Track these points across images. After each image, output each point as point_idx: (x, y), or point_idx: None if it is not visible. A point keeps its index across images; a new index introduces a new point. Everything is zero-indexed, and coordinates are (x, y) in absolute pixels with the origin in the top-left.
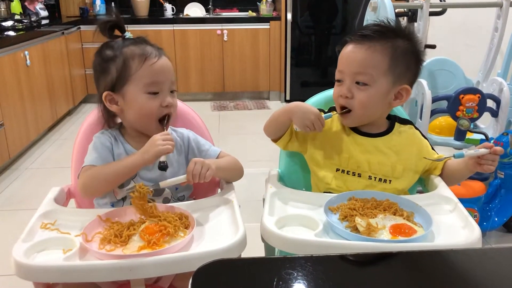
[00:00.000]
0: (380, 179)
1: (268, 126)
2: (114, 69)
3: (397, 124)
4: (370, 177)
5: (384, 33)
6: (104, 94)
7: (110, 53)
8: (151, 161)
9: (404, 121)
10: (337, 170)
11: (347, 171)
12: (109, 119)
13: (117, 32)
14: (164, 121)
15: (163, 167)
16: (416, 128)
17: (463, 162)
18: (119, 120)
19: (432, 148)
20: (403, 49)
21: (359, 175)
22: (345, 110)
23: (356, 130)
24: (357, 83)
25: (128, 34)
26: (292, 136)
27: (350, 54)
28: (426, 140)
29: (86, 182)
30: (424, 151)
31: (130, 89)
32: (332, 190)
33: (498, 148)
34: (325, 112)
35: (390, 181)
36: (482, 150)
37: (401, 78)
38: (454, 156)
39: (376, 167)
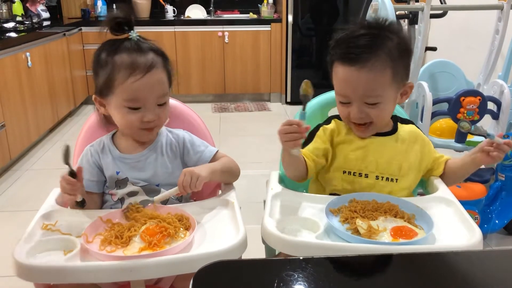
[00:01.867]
0: (387, 178)
1: (286, 170)
2: (102, 75)
3: (399, 124)
4: (377, 177)
5: (371, 42)
6: (93, 96)
7: (104, 57)
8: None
9: (405, 121)
10: (344, 172)
11: (354, 173)
12: (104, 118)
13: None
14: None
15: (79, 205)
16: (416, 127)
17: (469, 158)
18: None
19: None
20: (396, 51)
21: (366, 176)
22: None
23: None
24: (366, 103)
25: (133, 34)
26: (315, 161)
27: (351, 80)
28: (427, 138)
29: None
30: (427, 149)
31: (113, 100)
32: (338, 192)
33: (509, 140)
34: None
35: (396, 180)
36: (499, 139)
37: (403, 79)
38: (488, 135)
39: (383, 167)
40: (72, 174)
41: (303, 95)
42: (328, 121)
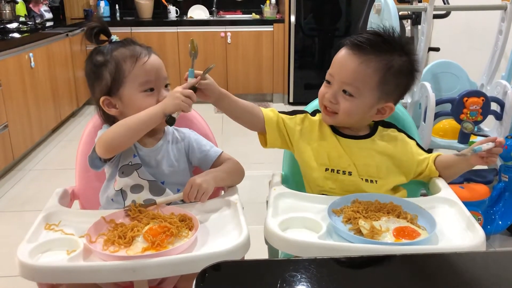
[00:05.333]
0: (366, 180)
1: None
2: (107, 73)
3: (380, 128)
4: (360, 177)
5: (382, 46)
6: (102, 99)
7: (101, 59)
8: (171, 112)
9: (388, 125)
10: (326, 170)
11: (337, 170)
12: (109, 123)
13: (103, 37)
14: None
15: (170, 121)
16: (400, 130)
17: (466, 157)
18: None
19: (421, 148)
20: (397, 68)
21: (350, 174)
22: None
23: (340, 133)
24: (344, 91)
25: (114, 38)
26: (279, 125)
27: (343, 62)
28: (413, 140)
29: (108, 135)
30: (409, 152)
31: (126, 91)
32: (326, 193)
33: (502, 139)
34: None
35: (376, 181)
36: (491, 144)
37: (387, 96)
38: (474, 151)
39: (362, 168)
40: (194, 88)
41: (193, 53)
42: (314, 113)
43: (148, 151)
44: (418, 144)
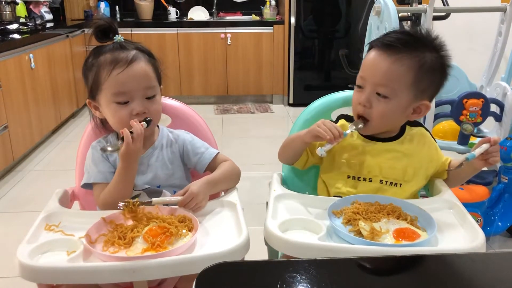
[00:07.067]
0: (391, 183)
1: (282, 153)
2: (90, 77)
3: (408, 127)
4: (381, 181)
5: (412, 44)
6: (87, 101)
7: (90, 61)
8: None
9: (414, 123)
10: (349, 177)
11: (358, 177)
12: (100, 124)
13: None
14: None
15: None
16: (426, 129)
17: (469, 163)
18: None
19: None
20: (430, 64)
21: (370, 180)
22: (362, 125)
23: (368, 135)
24: (378, 93)
25: (117, 38)
26: (309, 156)
27: (374, 63)
28: (435, 142)
29: (107, 205)
30: (435, 153)
31: (102, 98)
32: (342, 194)
33: (496, 137)
34: (346, 119)
35: (400, 184)
36: (485, 146)
37: (423, 93)
38: (467, 159)
39: (387, 171)
40: (149, 120)
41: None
42: (336, 120)
43: (139, 159)
44: None
